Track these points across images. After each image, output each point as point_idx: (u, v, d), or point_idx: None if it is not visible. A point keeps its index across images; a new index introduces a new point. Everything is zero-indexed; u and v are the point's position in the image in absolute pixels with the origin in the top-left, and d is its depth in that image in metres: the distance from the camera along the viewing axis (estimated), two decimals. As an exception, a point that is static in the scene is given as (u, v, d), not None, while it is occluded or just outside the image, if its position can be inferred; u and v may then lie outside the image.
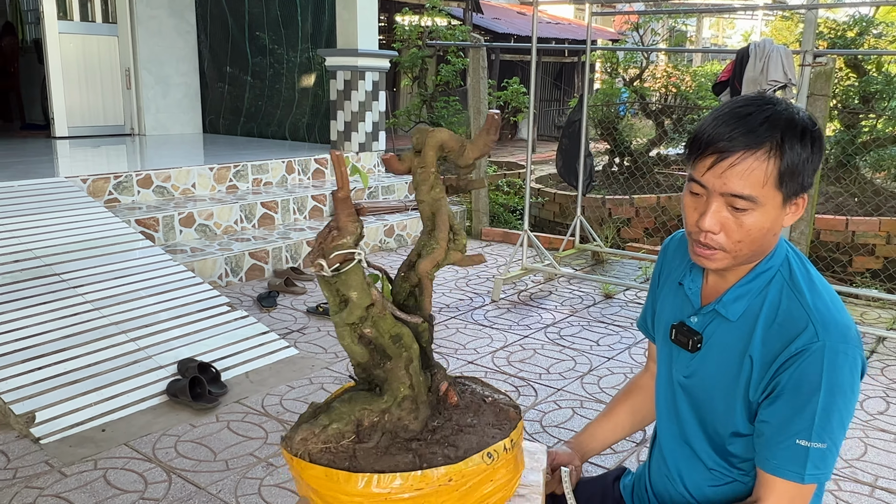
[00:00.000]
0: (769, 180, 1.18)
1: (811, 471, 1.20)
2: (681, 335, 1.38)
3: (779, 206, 1.22)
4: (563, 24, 16.93)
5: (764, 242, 1.25)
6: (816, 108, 4.75)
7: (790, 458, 1.21)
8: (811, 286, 1.28)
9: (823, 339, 1.20)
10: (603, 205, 6.87)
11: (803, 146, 1.19)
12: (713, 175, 1.20)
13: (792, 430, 1.21)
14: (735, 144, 1.18)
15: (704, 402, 1.37)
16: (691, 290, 1.40)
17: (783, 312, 1.26)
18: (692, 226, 1.26)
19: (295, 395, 3.23)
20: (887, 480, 2.63)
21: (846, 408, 1.21)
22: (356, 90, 6.77)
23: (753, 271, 1.31)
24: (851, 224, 5.53)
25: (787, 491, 1.22)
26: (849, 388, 1.21)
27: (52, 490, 2.45)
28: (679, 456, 1.44)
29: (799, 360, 1.21)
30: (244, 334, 3.71)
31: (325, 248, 1.17)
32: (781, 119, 1.18)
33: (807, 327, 1.22)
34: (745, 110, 1.20)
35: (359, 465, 1.16)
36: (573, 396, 3.29)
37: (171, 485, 2.50)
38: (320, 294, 4.67)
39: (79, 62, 7.48)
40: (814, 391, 1.19)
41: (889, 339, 4.04)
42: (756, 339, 1.27)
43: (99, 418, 2.93)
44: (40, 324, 3.33)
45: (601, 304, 4.70)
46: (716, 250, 1.25)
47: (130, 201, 5.17)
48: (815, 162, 1.22)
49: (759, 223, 1.21)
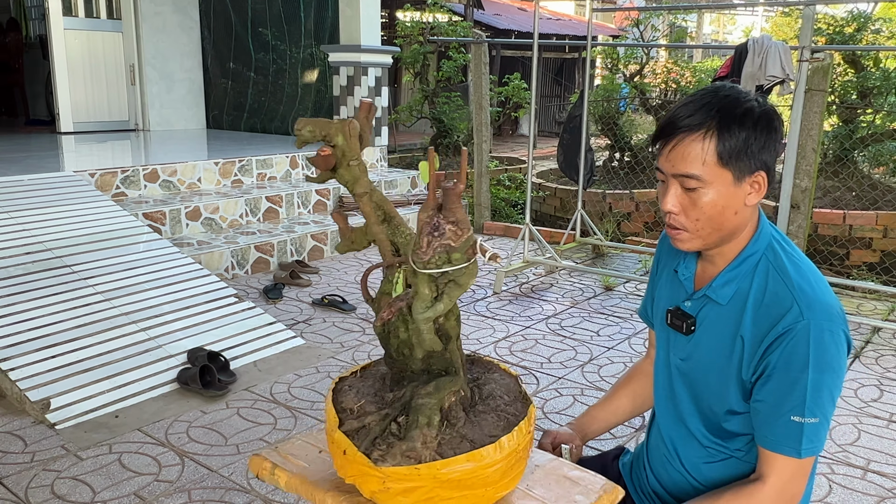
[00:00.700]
0: (708, 158, 1.27)
1: (806, 445, 1.28)
2: (676, 319, 1.46)
3: (730, 184, 1.29)
4: (564, 20, 16.98)
5: (724, 221, 1.32)
6: (814, 104, 4.82)
7: (787, 435, 1.28)
8: (796, 268, 1.34)
9: (808, 318, 1.27)
10: (603, 199, 6.94)
11: (741, 127, 1.27)
12: (665, 159, 1.32)
13: (786, 408, 1.27)
14: (677, 129, 1.29)
15: (700, 382, 1.44)
16: (685, 277, 1.48)
17: (770, 294, 1.33)
18: (662, 211, 1.36)
19: (302, 383, 3.30)
20: (879, 464, 2.71)
21: (835, 383, 1.28)
22: (359, 86, 6.84)
23: (740, 256, 1.38)
24: (849, 218, 5.60)
25: (787, 466, 1.30)
26: (836, 364, 1.28)
27: (69, 473, 2.53)
28: (676, 435, 1.52)
29: (786, 340, 1.28)
30: (252, 325, 3.78)
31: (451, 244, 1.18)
32: (720, 103, 1.28)
33: (792, 307, 1.29)
34: (690, 99, 1.32)
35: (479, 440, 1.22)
36: (574, 384, 3.37)
37: (185, 468, 2.58)
38: (325, 286, 4.74)
39: (83, 58, 7.55)
40: (802, 368, 1.26)
41: (884, 329, 4.11)
42: (746, 321, 1.34)
43: (112, 405, 3.00)
44: (53, 314, 3.41)
45: (601, 295, 4.77)
46: (680, 230, 1.34)
47: (137, 195, 5.24)
48: (762, 141, 1.29)
49: (713, 201, 1.30)
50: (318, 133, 1.26)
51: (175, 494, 2.42)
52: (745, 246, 1.38)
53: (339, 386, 1.38)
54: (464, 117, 8.81)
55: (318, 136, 1.26)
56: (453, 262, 1.19)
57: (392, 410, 1.26)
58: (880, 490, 2.54)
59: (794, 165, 4.58)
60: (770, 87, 4.77)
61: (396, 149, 9.73)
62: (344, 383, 1.38)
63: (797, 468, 1.30)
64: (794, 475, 1.30)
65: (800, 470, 1.30)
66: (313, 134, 1.25)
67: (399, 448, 1.19)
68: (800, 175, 4.86)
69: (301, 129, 1.25)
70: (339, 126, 1.25)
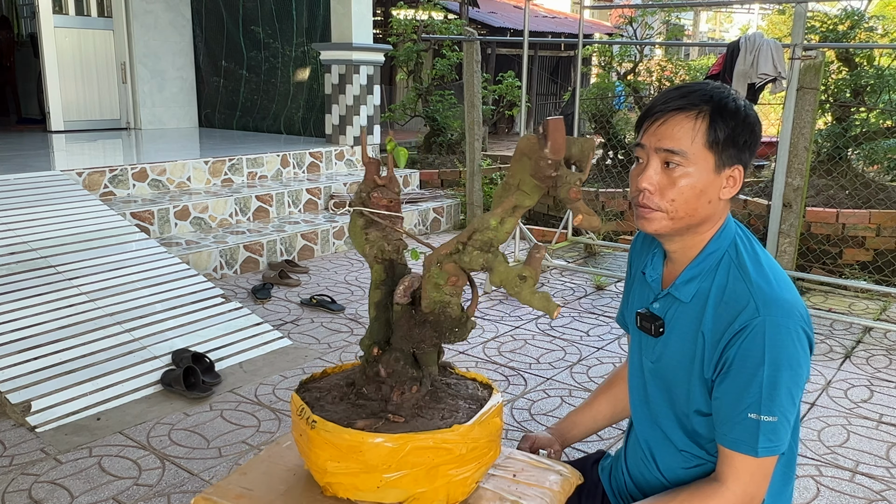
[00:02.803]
0: (697, 136, 1.29)
1: (763, 444, 1.25)
2: (645, 321, 1.46)
3: (711, 170, 1.31)
4: (560, 18, 16.93)
5: (698, 207, 1.32)
6: (806, 102, 4.79)
7: (743, 433, 1.26)
8: (756, 265, 1.34)
9: (764, 315, 1.26)
10: (596, 198, 6.91)
11: (733, 118, 1.30)
12: (650, 134, 1.33)
13: (742, 405, 1.26)
14: (669, 106, 1.31)
15: (671, 384, 1.43)
16: (652, 278, 1.48)
17: (729, 291, 1.32)
18: (634, 191, 1.36)
19: (288, 384, 3.27)
20: (868, 466, 2.68)
21: (793, 381, 1.26)
22: (351, 84, 6.81)
23: (702, 253, 1.38)
24: (842, 216, 5.57)
25: (745, 465, 1.28)
26: (794, 362, 1.26)
27: (48, 477, 2.50)
28: (652, 439, 1.50)
29: (742, 337, 1.27)
30: (238, 325, 3.75)
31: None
32: (713, 93, 1.31)
33: (748, 304, 1.28)
34: (681, 86, 1.35)
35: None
36: (562, 385, 3.34)
37: (165, 471, 2.55)
38: (314, 286, 4.71)
39: (74, 56, 7.51)
40: (758, 365, 1.25)
41: (875, 329, 4.09)
42: (707, 318, 1.34)
43: (94, 407, 2.97)
44: (36, 315, 3.37)
45: (592, 295, 4.75)
46: (653, 210, 1.33)
47: (126, 194, 5.21)
48: (747, 138, 1.31)
49: (691, 182, 1.30)
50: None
51: (154, 499, 2.39)
52: (707, 242, 1.38)
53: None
54: (457, 115, 8.77)
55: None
56: None
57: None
58: (868, 493, 2.51)
59: (787, 164, 4.55)
60: (762, 85, 4.75)
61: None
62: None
63: (755, 468, 1.27)
64: (752, 475, 1.28)
65: (759, 470, 1.28)
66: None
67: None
68: (792, 174, 4.83)
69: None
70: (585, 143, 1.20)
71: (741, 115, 1.30)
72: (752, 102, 4.83)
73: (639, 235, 1.61)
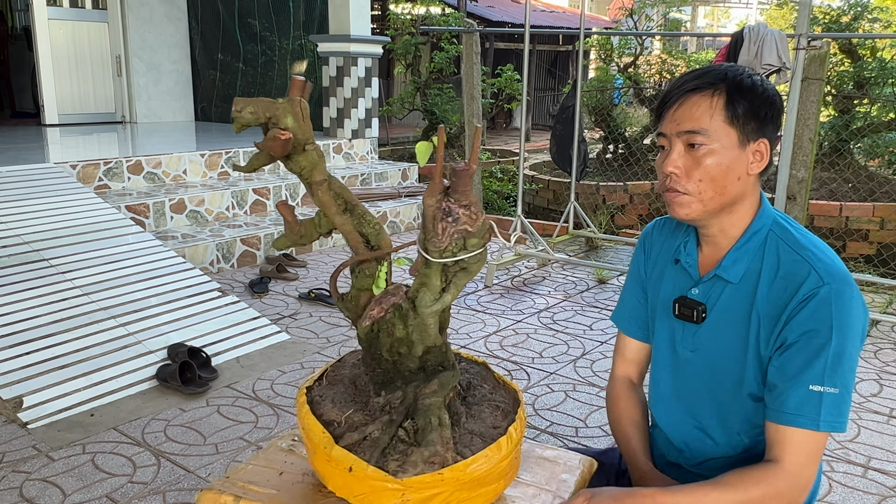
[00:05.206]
0: (716, 113, 1.27)
1: (826, 416, 1.20)
2: (685, 308, 1.40)
3: (735, 145, 1.28)
4: (558, 13, 16.86)
5: (727, 185, 1.29)
6: (810, 92, 4.73)
7: (804, 405, 1.20)
8: (807, 239, 1.32)
9: (829, 283, 1.23)
10: (597, 191, 6.84)
11: (751, 93, 1.28)
12: (669, 121, 1.31)
13: (804, 377, 1.21)
14: (684, 89, 1.30)
15: (717, 370, 1.36)
16: (688, 264, 1.43)
17: (784, 266, 1.29)
18: (661, 179, 1.34)
19: (286, 379, 3.21)
20: (880, 461, 2.62)
21: (855, 352, 1.23)
22: (348, 76, 6.73)
23: (746, 233, 1.34)
24: (845, 209, 5.52)
25: (803, 441, 1.21)
26: (858, 331, 1.23)
27: (40, 474, 2.43)
28: (686, 434, 1.44)
29: (807, 305, 1.23)
30: (235, 319, 3.68)
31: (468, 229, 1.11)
32: (728, 71, 1.30)
33: (810, 274, 1.25)
34: (696, 69, 1.34)
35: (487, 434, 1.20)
36: (566, 380, 3.28)
37: (160, 468, 2.48)
38: (312, 280, 4.64)
39: (69, 49, 7.42)
40: (825, 334, 1.21)
41: (882, 322, 4.03)
42: (760, 296, 1.30)
43: (87, 403, 2.90)
44: (28, 309, 3.30)
45: (594, 289, 4.68)
46: (682, 193, 1.30)
47: (121, 187, 5.13)
48: (768, 112, 1.29)
49: (717, 160, 1.27)
50: (261, 114, 1.12)
51: (149, 496, 2.32)
52: (750, 222, 1.34)
53: (309, 398, 1.26)
54: (456, 109, 8.71)
55: (261, 119, 1.13)
56: (469, 249, 1.12)
57: (395, 415, 1.16)
58: (882, 489, 2.46)
59: (791, 156, 4.49)
60: (766, 76, 4.69)
61: (389, 141, 9.62)
62: (313, 394, 1.27)
63: (814, 444, 1.21)
64: (810, 453, 1.21)
65: (816, 447, 1.22)
66: (256, 116, 1.12)
67: (419, 455, 1.11)
68: (796, 166, 4.77)
69: (241, 111, 1.11)
70: (287, 106, 1.12)
71: (758, 89, 1.28)
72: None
73: (652, 227, 1.55)
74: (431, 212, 1.11)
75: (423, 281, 1.15)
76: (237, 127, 1.14)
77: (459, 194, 1.12)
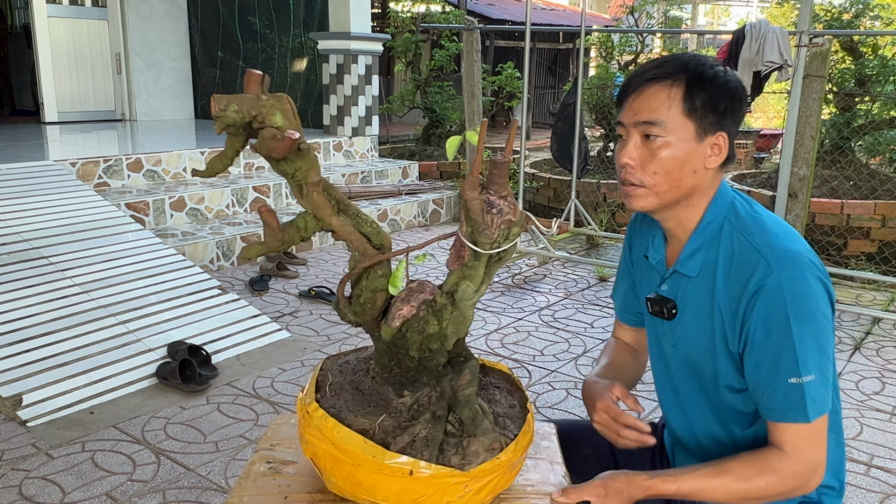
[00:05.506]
0: (674, 105, 1.24)
1: (811, 406, 1.20)
2: (655, 306, 1.40)
3: (692, 138, 1.25)
4: (558, 11, 16.83)
5: (682, 178, 1.27)
6: (812, 90, 4.71)
7: (789, 399, 1.20)
8: (759, 224, 1.28)
9: (777, 271, 1.20)
10: (598, 189, 6.83)
11: (710, 85, 1.25)
12: (628, 110, 1.29)
13: (780, 373, 1.20)
14: (643, 78, 1.27)
15: (696, 364, 1.36)
16: (655, 260, 1.43)
17: (737, 255, 1.27)
18: (618, 168, 1.32)
19: (286, 377, 3.20)
20: (882, 459, 2.61)
21: (822, 334, 1.20)
22: (349, 74, 6.72)
23: (701, 223, 1.32)
24: (847, 207, 5.50)
25: (799, 433, 1.21)
26: (819, 313, 1.20)
27: (39, 472, 2.42)
28: (683, 431, 1.46)
29: (759, 300, 1.21)
30: (235, 317, 3.67)
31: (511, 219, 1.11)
32: (689, 61, 1.27)
33: (758, 264, 1.23)
34: (658, 58, 1.31)
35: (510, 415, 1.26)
36: (567, 378, 3.27)
37: (160, 466, 2.47)
38: (312, 278, 4.63)
39: (68, 47, 7.40)
40: (784, 327, 1.19)
41: (884, 319, 4.02)
42: (719, 290, 1.28)
43: (87, 401, 2.89)
44: (28, 306, 3.29)
45: (595, 286, 4.67)
46: (637, 186, 1.29)
47: (121, 185, 5.12)
48: (728, 105, 1.26)
49: (672, 153, 1.25)
50: (245, 112, 1.05)
51: (149, 495, 2.31)
52: (704, 212, 1.32)
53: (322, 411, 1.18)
54: (456, 107, 8.68)
55: (246, 117, 1.05)
56: (511, 238, 1.13)
57: (439, 410, 1.16)
58: (885, 487, 2.45)
59: (792, 153, 4.48)
60: (768, 73, 4.67)
61: (389, 139, 9.59)
62: (324, 406, 1.19)
63: (811, 434, 1.21)
64: (810, 442, 1.21)
65: (814, 435, 1.21)
66: (241, 114, 1.05)
67: (479, 444, 1.14)
68: (798, 163, 4.76)
69: (225, 109, 1.04)
70: (274, 103, 1.06)
71: (719, 80, 1.25)
72: (758, 91, 4.76)
73: (636, 217, 1.54)
74: (478, 205, 1.10)
75: (468, 273, 1.15)
76: (221, 126, 1.07)
77: (498, 186, 1.12)
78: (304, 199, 1.14)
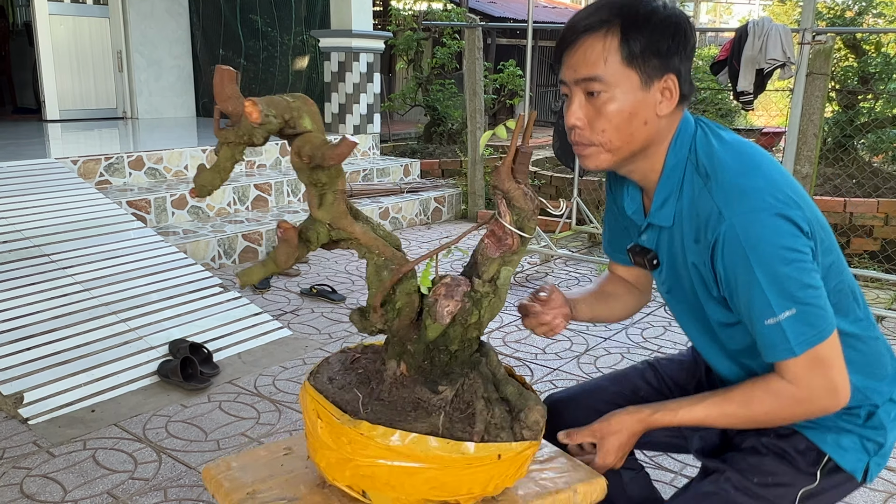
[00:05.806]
0: (610, 57, 1.17)
1: (796, 340, 1.16)
2: (637, 257, 1.38)
3: (637, 88, 1.18)
4: (560, 8, 16.81)
5: (633, 131, 1.21)
6: (815, 87, 4.70)
7: (772, 340, 1.18)
8: (714, 162, 1.22)
9: (729, 217, 1.15)
10: (599, 187, 6.81)
11: (647, 25, 1.17)
12: (566, 67, 1.22)
13: (756, 317, 1.17)
14: (576, 29, 1.20)
15: (690, 307, 1.36)
16: (632, 211, 1.39)
17: (695, 204, 1.23)
18: (567, 130, 1.25)
19: (288, 375, 3.19)
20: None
21: (795, 268, 1.14)
22: (350, 72, 6.71)
23: (664, 172, 1.27)
24: (850, 205, 5.49)
25: (795, 365, 1.19)
26: (782, 250, 1.13)
27: (40, 470, 2.41)
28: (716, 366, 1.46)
29: (718, 250, 1.17)
30: (237, 315, 3.66)
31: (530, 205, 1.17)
32: (622, 3, 1.18)
33: (712, 211, 1.18)
34: (589, 5, 1.24)
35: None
36: (569, 376, 3.26)
37: (162, 464, 2.46)
38: (314, 276, 4.63)
39: (70, 45, 7.40)
40: (747, 272, 1.15)
41: (888, 318, 4.01)
42: (689, 242, 1.25)
43: (88, 399, 2.88)
44: (29, 304, 3.28)
45: (598, 285, 4.66)
46: (588, 146, 1.23)
47: (122, 183, 5.11)
48: (671, 42, 1.18)
49: (619, 106, 1.19)
50: (280, 117, 1.00)
51: (150, 493, 2.30)
52: (664, 160, 1.26)
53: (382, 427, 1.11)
54: (458, 105, 8.67)
55: (282, 122, 1.00)
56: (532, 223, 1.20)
57: (490, 393, 1.20)
58: (888, 485, 2.44)
59: (795, 151, 4.47)
60: (771, 70, 4.66)
61: (390, 137, 9.59)
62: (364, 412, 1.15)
63: (807, 362, 1.17)
64: (809, 371, 1.18)
65: (812, 363, 1.17)
66: (279, 120, 0.99)
67: (536, 412, 1.18)
68: (801, 161, 4.75)
69: (266, 114, 0.96)
70: (301, 105, 1.01)
71: (658, 16, 1.17)
72: (761, 88, 4.74)
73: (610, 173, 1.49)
74: (521, 193, 1.14)
75: (509, 259, 1.18)
76: (262, 138, 0.97)
77: (521, 175, 1.14)
78: (325, 208, 1.09)
